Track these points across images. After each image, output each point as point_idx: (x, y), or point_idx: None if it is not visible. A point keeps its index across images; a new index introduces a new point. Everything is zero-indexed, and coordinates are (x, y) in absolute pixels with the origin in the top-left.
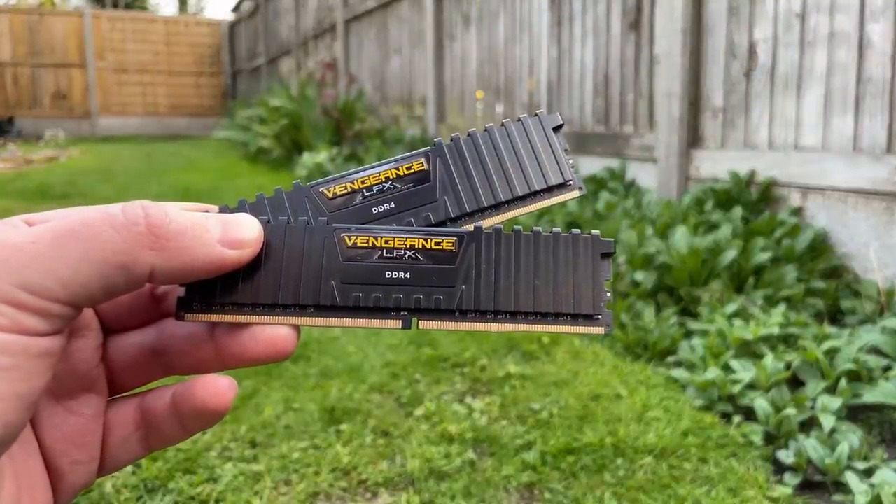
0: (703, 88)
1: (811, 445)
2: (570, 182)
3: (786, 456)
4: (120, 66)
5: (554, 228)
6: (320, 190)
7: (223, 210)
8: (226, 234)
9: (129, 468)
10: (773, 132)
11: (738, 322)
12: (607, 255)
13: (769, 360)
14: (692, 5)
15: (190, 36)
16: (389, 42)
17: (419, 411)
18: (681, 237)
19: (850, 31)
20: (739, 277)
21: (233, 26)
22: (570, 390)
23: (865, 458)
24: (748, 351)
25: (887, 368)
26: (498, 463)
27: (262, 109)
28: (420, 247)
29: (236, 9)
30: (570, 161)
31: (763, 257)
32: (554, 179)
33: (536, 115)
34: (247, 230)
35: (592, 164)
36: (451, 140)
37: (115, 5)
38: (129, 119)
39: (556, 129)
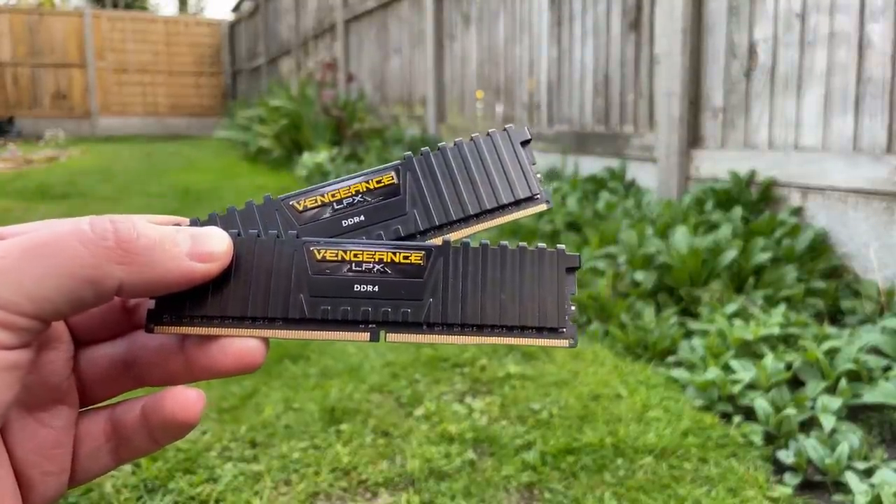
0: (703, 88)
1: (811, 445)
2: (538, 196)
3: (786, 456)
4: (120, 66)
5: (521, 243)
6: (291, 203)
7: (194, 223)
8: (195, 247)
9: (129, 468)
10: (773, 132)
11: (738, 322)
12: (572, 270)
13: (769, 360)
14: (692, 5)
15: (190, 36)
16: (389, 42)
17: (419, 411)
18: (681, 237)
19: (850, 31)
20: (739, 277)
21: (233, 26)
22: (570, 390)
23: (865, 458)
24: (748, 351)
25: (887, 368)
26: (498, 463)
27: (262, 109)
28: (388, 260)
29: (236, 9)
30: (538, 175)
31: (763, 257)
32: (522, 193)
33: (505, 129)
34: (216, 243)
35: (592, 164)
36: (421, 154)
37: (115, 5)
38: (129, 119)
39: (525, 143)
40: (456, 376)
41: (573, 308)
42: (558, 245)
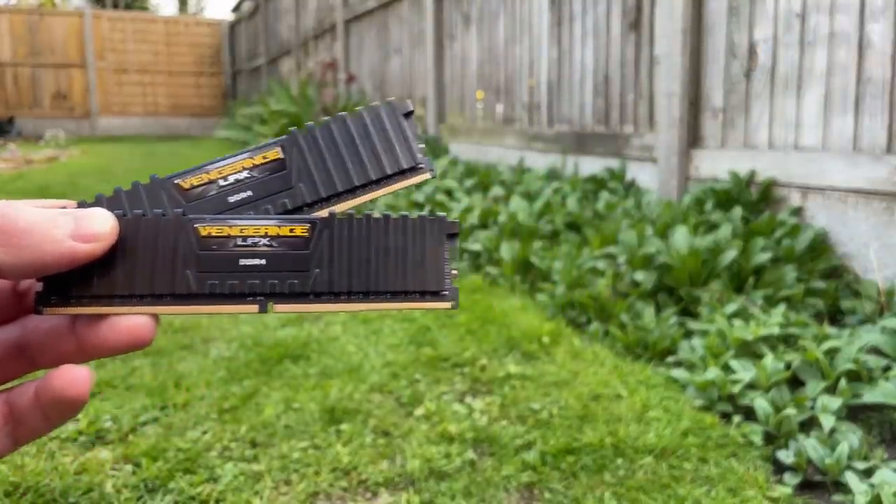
0: (703, 88)
1: (811, 445)
2: (422, 165)
3: (786, 456)
4: (120, 66)
5: (403, 212)
6: (176, 182)
7: (81, 205)
8: (78, 228)
9: (129, 468)
10: (773, 132)
11: (738, 322)
12: (453, 236)
13: (769, 360)
14: (692, 5)
15: (190, 36)
16: (389, 42)
17: (419, 411)
18: (681, 237)
19: (850, 31)
20: (739, 277)
21: (233, 26)
22: (570, 390)
23: (865, 458)
24: (748, 351)
25: (887, 368)
26: (498, 463)
27: (263, 109)
28: (274, 234)
29: (236, 9)
30: (421, 145)
31: (763, 257)
32: (405, 163)
33: (388, 102)
34: (99, 224)
35: (592, 164)
36: (306, 128)
37: (116, 5)
38: (129, 119)
39: (407, 115)
40: (456, 376)
41: (454, 272)
42: (439, 213)
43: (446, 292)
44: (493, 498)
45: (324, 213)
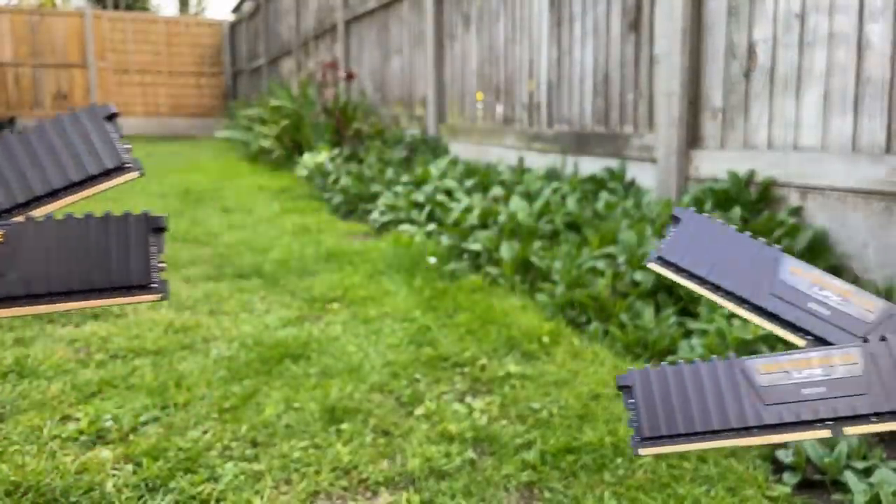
0: (703, 88)
1: (810, 444)
2: (129, 165)
3: (785, 455)
4: (121, 66)
5: (107, 211)
6: None
7: None
8: None
9: (130, 467)
10: (772, 132)
11: (737, 321)
12: (160, 230)
13: None
14: (692, 5)
15: (191, 36)
16: (390, 42)
17: (419, 411)
18: None
19: (849, 32)
20: None
21: (233, 27)
22: (570, 390)
23: (864, 458)
24: (747, 350)
25: None
26: (498, 462)
27: (263, 110)
28: None
29: (237, 9)
30: (127, 146)
31: None
32: (110, 164)
33: (91, 106)
34: None
35: (592, 164)
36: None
37: (116, 6)
38: (129, 119)
39: (110, 118)
40: (456, 376)
41: (163, 265)
42: (145, 209)
43: (154, 285)
44: (493, 497)
45: (20, 217)
